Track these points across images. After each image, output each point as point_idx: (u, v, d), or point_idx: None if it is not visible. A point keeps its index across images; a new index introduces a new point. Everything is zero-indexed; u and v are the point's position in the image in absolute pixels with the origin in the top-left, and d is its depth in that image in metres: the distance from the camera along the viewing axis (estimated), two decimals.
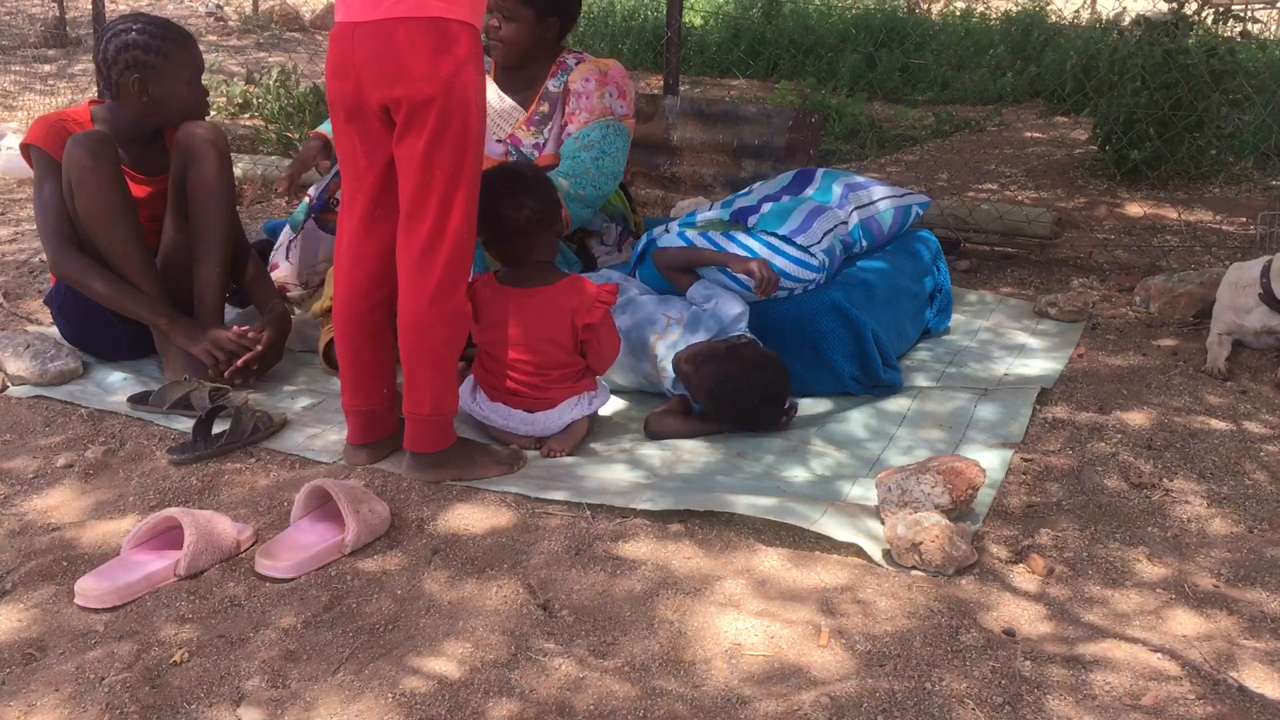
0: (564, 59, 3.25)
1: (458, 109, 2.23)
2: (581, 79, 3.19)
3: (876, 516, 2.25)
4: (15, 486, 2.41)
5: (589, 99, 3.17)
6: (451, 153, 2.25)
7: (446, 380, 2.38)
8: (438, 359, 2.35)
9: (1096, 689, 1.77)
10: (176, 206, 2.99)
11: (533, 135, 3.20)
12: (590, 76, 3.19)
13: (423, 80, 2.20)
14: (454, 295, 2.33)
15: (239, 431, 2.56)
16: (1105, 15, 9.50)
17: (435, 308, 2.30)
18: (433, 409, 2.36)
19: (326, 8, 11.61)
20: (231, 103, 7.09)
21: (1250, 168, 5.67)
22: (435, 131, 2.23)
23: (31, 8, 11.06)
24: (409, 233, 2.30)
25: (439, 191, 2.26)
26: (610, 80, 3.21)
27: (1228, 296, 3.28)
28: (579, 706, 1.71)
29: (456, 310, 2.34)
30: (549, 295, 2.57)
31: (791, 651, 1.85)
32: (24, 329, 3.24)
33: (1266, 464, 2.58)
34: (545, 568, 2.09)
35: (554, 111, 3.22)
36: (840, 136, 6.63)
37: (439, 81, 2.20)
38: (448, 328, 2.34)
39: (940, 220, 4.26)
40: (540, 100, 3.22)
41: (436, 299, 2.30)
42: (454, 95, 2.22)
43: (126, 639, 1.88)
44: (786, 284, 2.89)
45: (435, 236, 2.28)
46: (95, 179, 2.78)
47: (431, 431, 2.39)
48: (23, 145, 2.94)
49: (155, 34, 2.87)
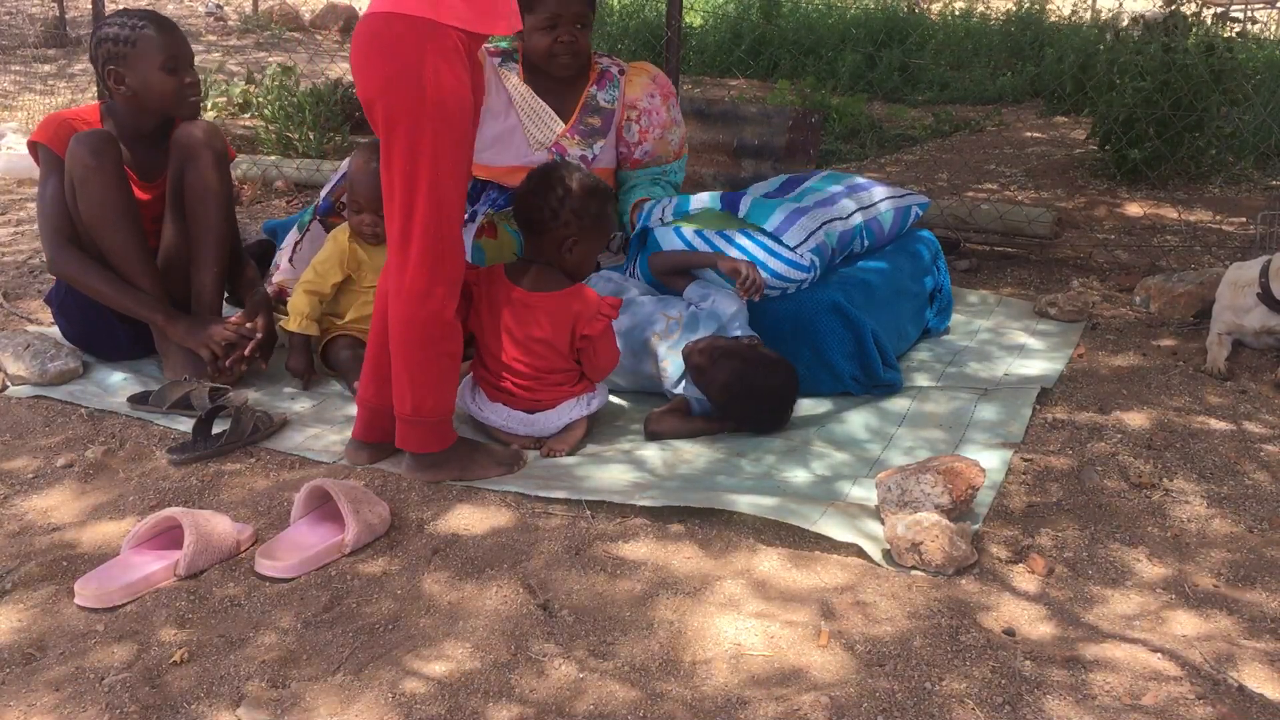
0: (597, 64, 3.23)
1: (402, 110, 2.18)
2: (646, 95, 3.21)
3: (876, 517, 2.25)
4: (15, 487, 2.41)
5: (659, 115, 3.22)
6: (403, 155, 2.22)
7: (424, 384, 2.34)
8: (415, 361, 2.33)
9: (1096, 689, 1.77)
10: (175, 207, 2.98)
11: (580, 146, 3.17)
12: (654, 92, 3.22)
13: (365, 83, 2.22)
14: (429, 297, 2.29)
15: (239, 431, 2.56)
16: (1104, 14, 9.51)
17: (409, 309, 2.29)
18: (412, 411, 2.35)
19: (327, 8, 11.61)
20: (231, 103, 7.09)
21: (1250, 168, 5.67)
22: (387, 134, 2.22)
23: (31, 8, 11.06)
24: (388, 234, 2.32)
25: (398, 194, 2.24)
26: (667, 90, 3.25)
27: (1227, 296, 3.28)
28: (579, 708, 1.71)
29: (433, 314, 2.30)
30: (552, 301, 2.56)
31: (791, 652, 1.85)
32: (24, 329, 3.24)
33: (1266, 464, 2.58)
34: (545, 568, 2.09)
35: (607, 126, 3.20)
36: (840, 136, 6.63)
37: (377, 84, 2.19)
38: (422, 330, 2.31)
39: (940, 220, 4.26)
40: (586, 111, 3.19)
41: (410, 300, 2.28)
42: (394, 96, 2.18)
43: (126, 639, 1.88)
44: (778, 284, 2.90)
45: (403, 238, 2.27)
46: (98, 178, 2.78)
47: (418, 432, 2.37)
48: (30, 142, 2.94)
49: (126, 23, 2.83)
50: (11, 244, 4.30)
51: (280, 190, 5.20)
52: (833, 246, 3.06)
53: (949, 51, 9.13)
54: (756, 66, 9.10)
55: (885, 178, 5.45)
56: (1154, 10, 5.60)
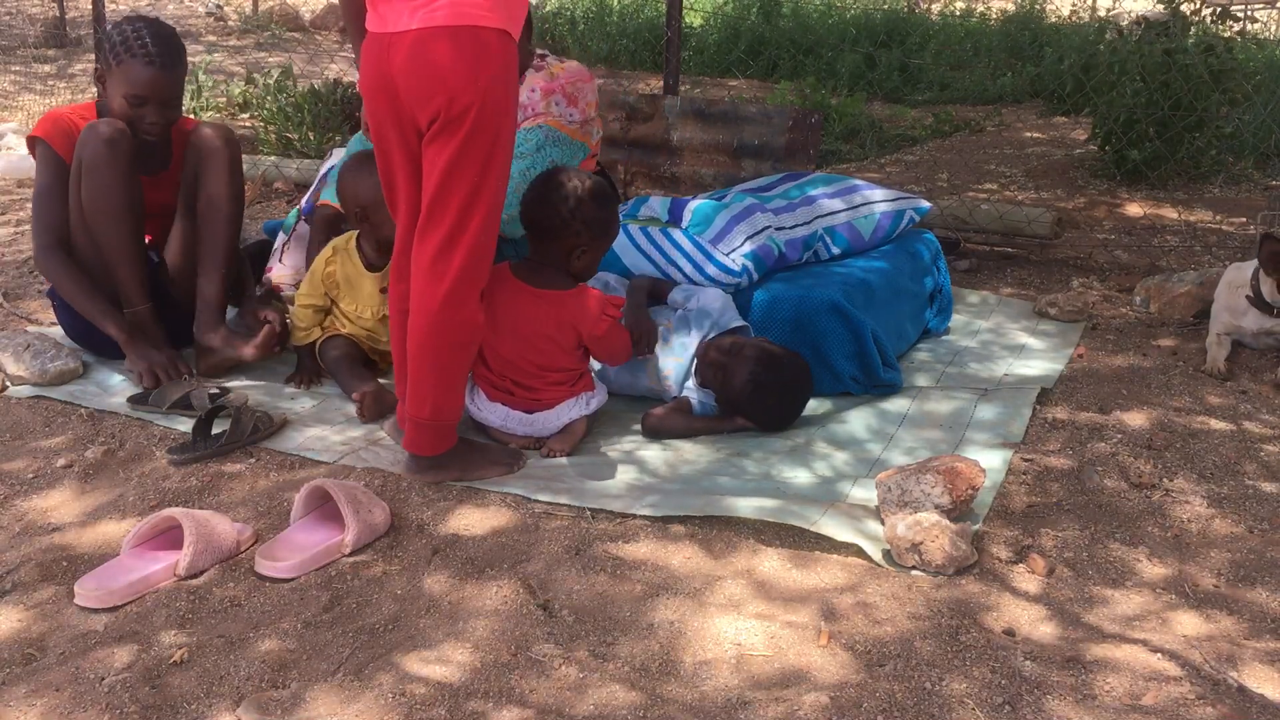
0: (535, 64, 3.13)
1: (491, 118, 2.21)
2: (528, 90, 3.08)
3: (877, 517, 2.25)
4: (15, 487, 2.41)
5: (533, 108, 3.07)
6: (479, 161, 2.23)
7: (449, 387, 2.36)
8: (442, 365, 2.34)
9: (1097, 689, 1.77)
10: (187, 208, 3.01)
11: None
12: (536, 85, 3.08)
13: (461, 89, 2.17)
14: (465, 303, 2.29)
15: (239, 431, 2.56)
16: (1104, 14, 9.51)
17: (444, 314, 2.28)
18: (432, 414, 2.35)
19: (327, 8, 11.61)
20: (231, 103, 7.09)
21: (1250, 168, 5.67)
22: (466, 139, 2.20)
23: (31, 8, 11.06)
24: (424, 238, 2.28)
25: (460, 198, 2.24)
26: (557, 87, 3.08)
27: (1224, 297, 3.28)
28: (579, 709, 1.71)
29: (467, 319, 2.31)
30: (558, 300, 2.57)
31: (792, 653, 1.85)
32: (24, 329, 3.24)
33: (1266, 464, 2.58)
34: (546, 569, 2.08)
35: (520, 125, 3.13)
36: (840, 136, 6.62)
37: (477, 90, 2.18)
38: (455, 335, 2.31)
39: (940, 220, 4.26)
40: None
41: (446, 305, 2.27)
42: (489, 104, 2.20)
43: (126, 639, 1.88)
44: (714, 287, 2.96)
45: (450, 243, 2.25)
46: (109, 168, 2.80)
47: (430, 436, 2.38)
48: (29, 138, 2.95)
49: (128, 38, 2.82)
50: (11, 244, 4.30)
51: (280, 190, 5.19)
52: (779, 251, 3.08)
53: (949, 52, 9.13)
54: (756, 67, 9.10)
55: (885, 178, 5.45)
56: (1154, 10, 5.59)
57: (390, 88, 2.23)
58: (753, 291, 2.97)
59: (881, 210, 3.35)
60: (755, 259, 3.00)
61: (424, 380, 2.34)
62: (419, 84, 2.20)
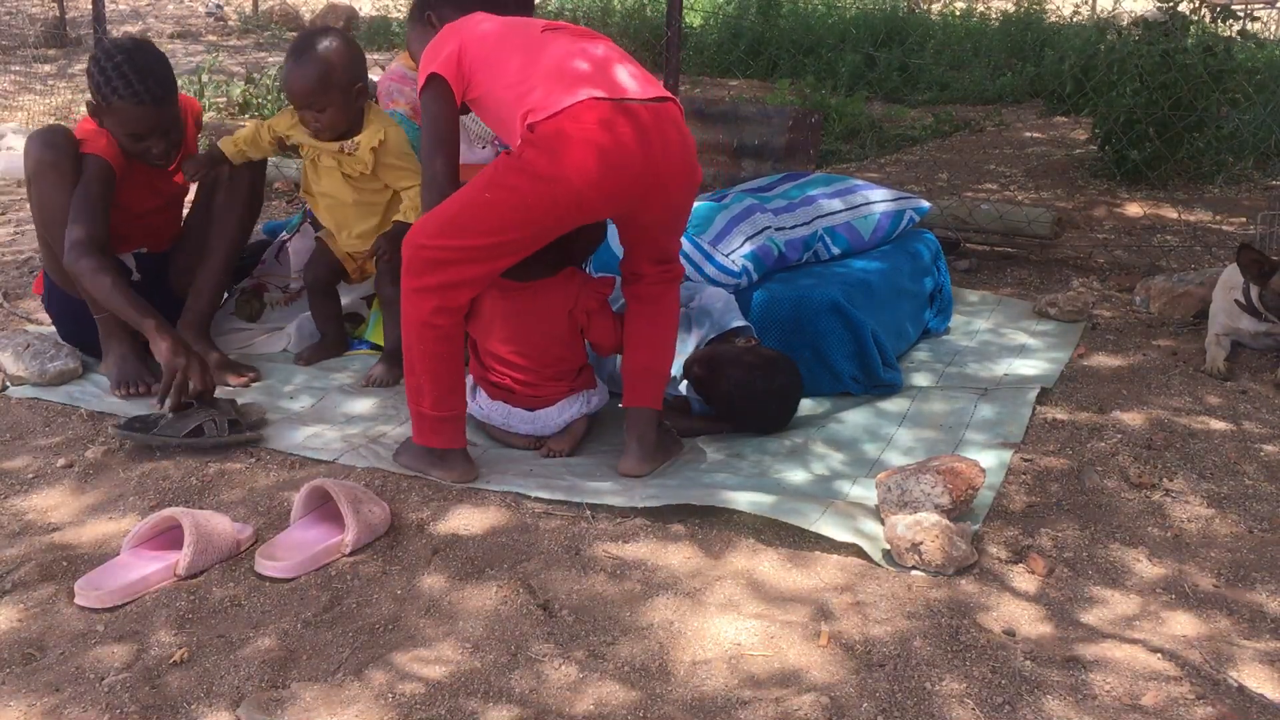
0: None
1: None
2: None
3: (876, 517, 2.25)
4: (15, 486, 2.41)
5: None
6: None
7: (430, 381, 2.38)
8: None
9: (1096, 689, 1.77)
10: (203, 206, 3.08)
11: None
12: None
13: (695, 164, 2.37)
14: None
15: (206, 439, 2.52)
16: (1103, 14, 9.50)
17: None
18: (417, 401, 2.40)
19: (326, 8, 11.61)
20: (231, 103, 7.09)
21: (1250, 168, 5.67)
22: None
23: (31, 8, 11.06)
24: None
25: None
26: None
27: (1221, 298, 3.28)
28: (578, 708, 1.71)
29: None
30: (548, 288, 2.54)
31: (791, 652, 1.85)
32: (24, 329, 3.24)
33: (1266, 464, 2.58)
34: (545, 568, 2.09)
35: None
36: (840, 136, 6.62)
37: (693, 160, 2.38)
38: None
39: (940, 220, 4.25)
40: None
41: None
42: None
43: (126, 639, 1.88)
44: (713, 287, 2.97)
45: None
46: (53, 173, 2.80)
47: (418, 425, 2.40)
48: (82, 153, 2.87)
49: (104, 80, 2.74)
50: (11, 244, 4.30)
51: (280, 190, 5.19)
52: (779, 251, 3.08)
53: (949, 51, 9.12)
54: (756, 66, 9.09)
55: (885, 178, 5.45)
56: (1153, 10, 5.59)
57: (646, 161, 2.25)
58: (752, 291, 2.97)
59: (881, 210, 3.35)
60: (755, 259, 3.01)
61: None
62: (684, 155, 2.33)
